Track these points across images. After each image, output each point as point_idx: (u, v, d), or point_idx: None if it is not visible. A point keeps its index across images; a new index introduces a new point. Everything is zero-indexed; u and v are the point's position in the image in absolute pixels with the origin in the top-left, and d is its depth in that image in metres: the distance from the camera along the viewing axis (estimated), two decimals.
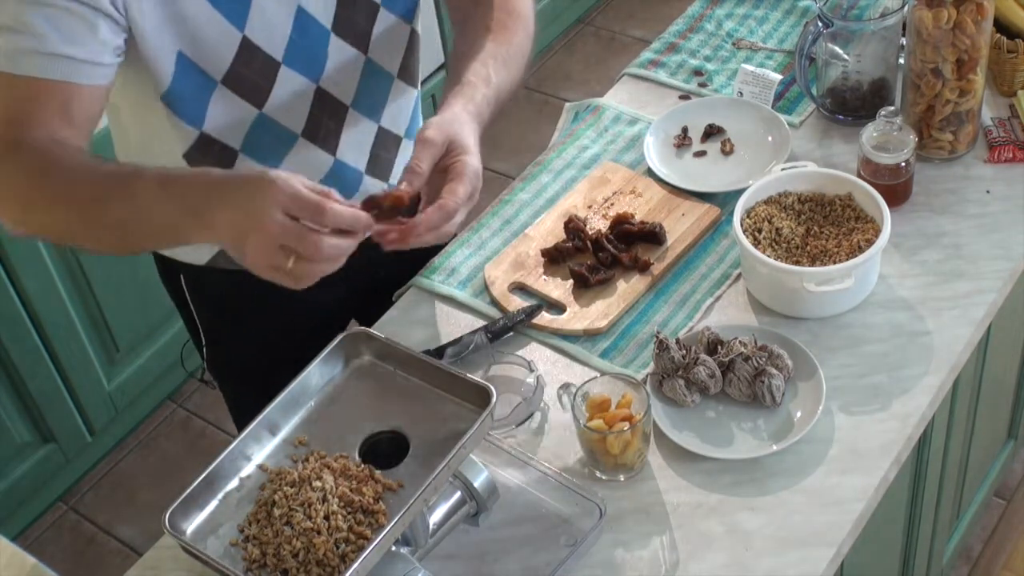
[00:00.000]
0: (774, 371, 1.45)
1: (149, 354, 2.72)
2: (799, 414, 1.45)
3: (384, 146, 1.58)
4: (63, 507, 2.78)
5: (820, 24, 1.72)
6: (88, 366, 2.62)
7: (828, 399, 1.45)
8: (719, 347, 1.50)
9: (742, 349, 1.47)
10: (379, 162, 1.58)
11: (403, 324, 1.65)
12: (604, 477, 1.43)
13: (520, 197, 1.81)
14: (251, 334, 1.71)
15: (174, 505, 1.23)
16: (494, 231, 1.76)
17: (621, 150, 1.85)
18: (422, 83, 3.32)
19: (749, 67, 1.89)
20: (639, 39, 3.68)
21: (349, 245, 1.16)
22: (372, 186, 1.59)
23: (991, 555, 2.41)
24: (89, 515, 2.77)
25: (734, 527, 1.36)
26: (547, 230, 1.73)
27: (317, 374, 1.35)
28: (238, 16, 1.33)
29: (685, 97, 1.93)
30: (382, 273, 1.71)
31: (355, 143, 1.53)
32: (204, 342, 1.73)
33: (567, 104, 1.99)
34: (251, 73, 1.38)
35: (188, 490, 1.24)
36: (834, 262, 1.53)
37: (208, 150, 1.43)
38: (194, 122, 1.41)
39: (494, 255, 1.72)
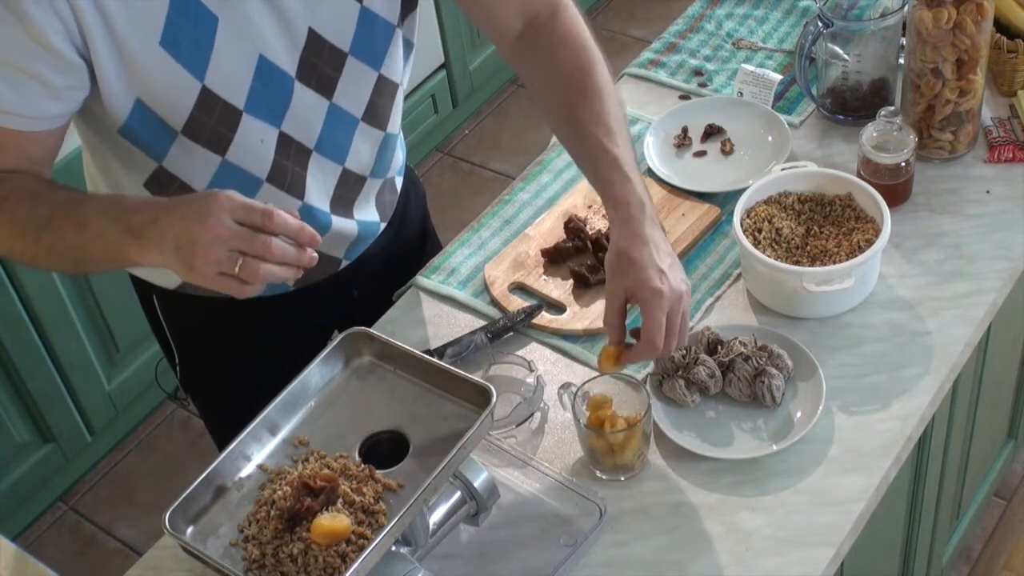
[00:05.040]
0: (774, 371, 1.45)
1: (149, 354, 2.72)
2: (799, 414, 1.45)
3: (347, 186, 1.56)
4: (63, 507, 2.78)
5: (820, 24, 1.72)
6: (88, 366, 2.62)
7: (828, 399, 1.45)
8: (719, 347, 1.50)
9: (742, 349, 1.47)
10: (341, 201, 1.57)
11: (403, 324, 1.65)
12: (604, 477, 1.43)
13: (520, 197, 1.81)
14: (223, 356, 1.72)
15: (174, 505, 1.23)
16: (494, 231, 1.76)
17: None
18: (422, 82, 3.33)
19: (749, 67, 1.89)
20: (639, 39, 3.68)
21: (296, 255, 1.20)
22: (339, 225, 1.58)
23: (991, 555, 2.41)
24: (89, 515, 2.77)
25: (734, 527, 1.36)
26: (547, 230, 1.73)
27: (317, 374, 1.35)
28: (198, 66, 1.33)
29: (685, 97, 1.93)
30: (354, 297, 1.71)
31: (320, 185, 1.53)
32: (178, 361, 1.73)
33: None
34: (212, 121, 1.37)
35: (188, 490, 1.24)
36: (834, 262, 1.53)
37: (168, 183, 1.44)
38: (155, 156, 1.41)
39: (494, 255, 1.71)
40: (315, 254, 1.22)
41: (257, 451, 1.30)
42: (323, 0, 1.37)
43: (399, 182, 1.70)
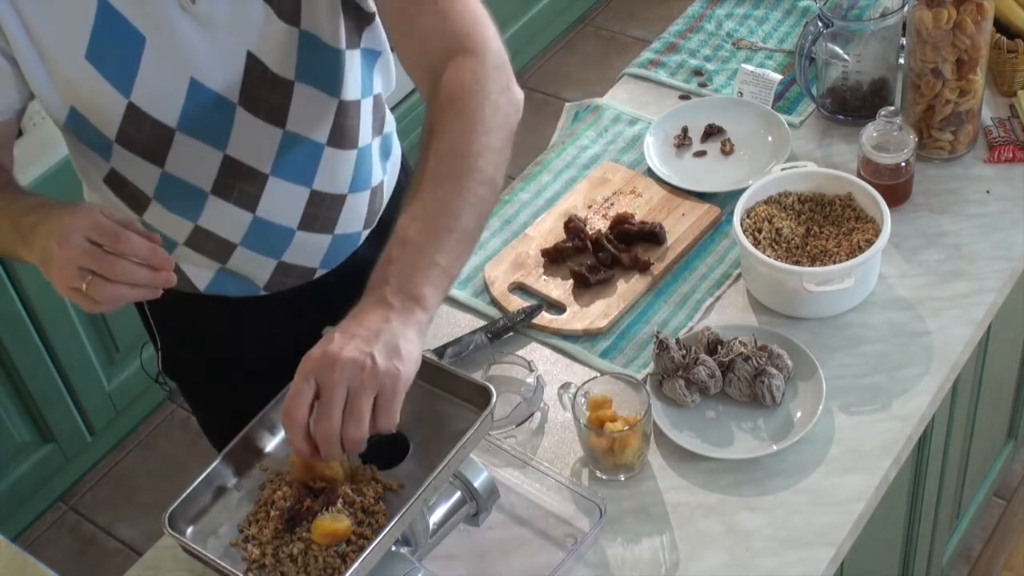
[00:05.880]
0: (774, 371, 1.45)
1: (149, 354, 2.71)
2: (799, 414, 1.45)
3: (321, 206, 1.52)
4: (63, 507, 2.78)
5: (820, 24, 1.72)
6: (88, 366, 2.62)
7: (828, 399, 1.45)
8: (719, 347, 1.50)
9: (742, 349, 1.47)
10: (317, 219, 1.53)
11: None
12: (604, 477, 1.43)
13: (520, 197, 1.81)
14: (201, 348, 1.71)
15: (174, 505, 1.23)
16: (494, 231, 1.76)
17: (621, 150, 1.85)
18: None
19: (749, 67, 1.89)
20: (639, 39, 3.68)
21: (148, 276, 1.20)
22: (305, 240, 1.53)
23: (991, 555, 2.41)
24: (89, 515, 2.77)
25: (734, 527, 1.36)
26: (547, 230, 1.73)
27: None
28: (123, 82, 1.32)
29: (685, 97, 1.93)
30: (339, 303, 1.68)
31: (282, 204, 1.49)
32: (159, 345, 1.73)
33: (567, 104, 1.99)
34: (143, 136, 1.37)
35: (188, 490, 1.24)
36: (834, 262, 1.53)
37: (122, 184, 1.43)
38: (103, 158, 1.41)
39: (494, 255, 1.71)
40: (172, 276, 1.21)
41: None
42: (256, 24, 1.34)
43: (390, 185, 1.65)
